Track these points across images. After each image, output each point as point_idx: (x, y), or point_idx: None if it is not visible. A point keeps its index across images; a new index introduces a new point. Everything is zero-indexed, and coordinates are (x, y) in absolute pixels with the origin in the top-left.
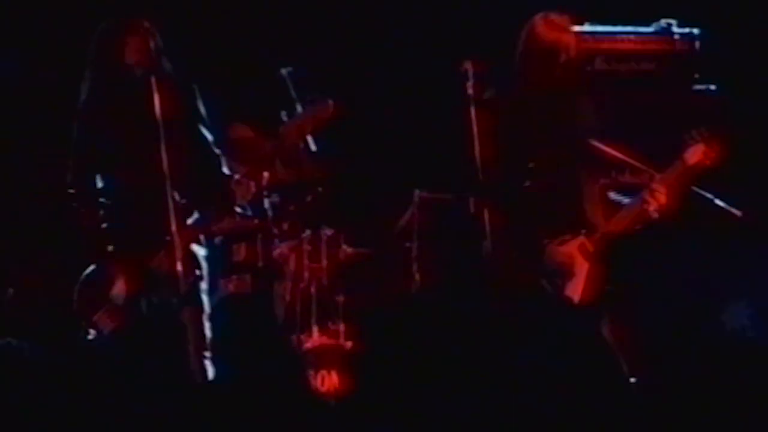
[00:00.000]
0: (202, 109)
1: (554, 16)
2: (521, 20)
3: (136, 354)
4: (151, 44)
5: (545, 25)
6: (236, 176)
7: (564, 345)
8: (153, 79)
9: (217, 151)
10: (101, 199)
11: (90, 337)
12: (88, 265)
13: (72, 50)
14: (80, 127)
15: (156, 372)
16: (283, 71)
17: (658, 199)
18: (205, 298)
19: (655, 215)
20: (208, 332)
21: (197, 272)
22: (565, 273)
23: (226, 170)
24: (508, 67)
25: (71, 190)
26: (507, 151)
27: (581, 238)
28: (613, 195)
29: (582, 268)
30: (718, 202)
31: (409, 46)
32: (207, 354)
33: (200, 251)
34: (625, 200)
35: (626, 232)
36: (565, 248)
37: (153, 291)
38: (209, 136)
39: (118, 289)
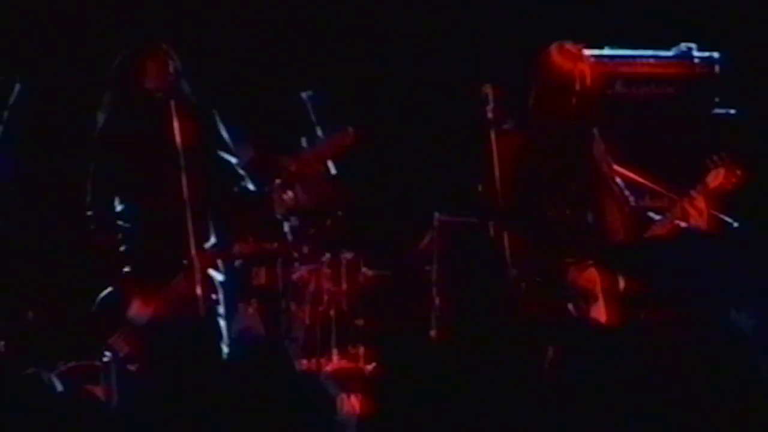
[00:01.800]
0: (224, 134)
1: (569, 46)
2: (541, 45)
3: (155, 374)
4: (170, 67)
5: (560, 55)
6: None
7: (589, 368)
8: (172, 103)
9: (241, 172)
10: (119, 222)
11: (105, 359)
12: (105, 288)
13: (91, 73)
14: (99, 150)
15: (173, 393)
16: (303, 95)
17: (698, 207)
18: (222, 322)
19: (698, 225)
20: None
21: (213, 297)
22: (589, 297)
23: (251, 186)
24: (525, 97)
25: (89, 213)
26: (528, 181)
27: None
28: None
29: (606, 292)
30: (736, 225)
31: (429, 70)
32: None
33: (218, 276)
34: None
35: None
36: (588, 272)
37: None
38: (232, 159)
39: (135, 311)
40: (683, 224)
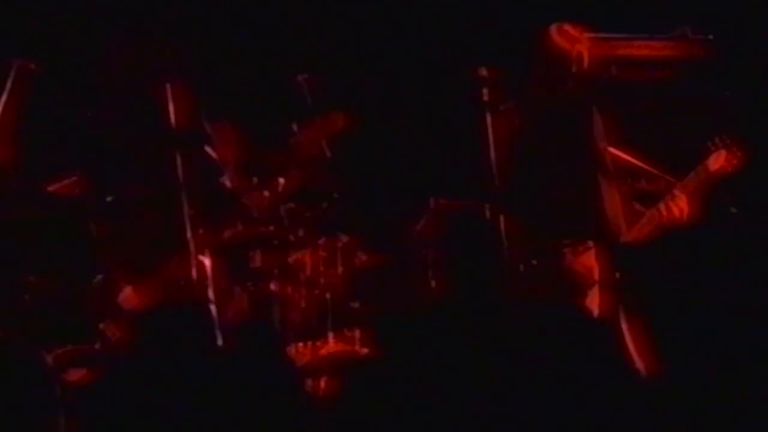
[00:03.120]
0: (208, 127)
1: (568, 27)
2: (537, 27)
3: (145, 362)
4: (166, 52)
5: (559, 36)
6: (253, 180)
7: (582, 354)
8: (168, 88)
9: (221, 164)
10: (114, 207)
11: (96, 345)
12: (98, 273)
13: (83, 61)
14: (94, 134)
15: (166, 378)
16: (299, 78)
17: (679, 206)
18: (212, 307)
19: (675, 224)
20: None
21: (208, 282)
22: (585, 282)
23: (228, 182)
24: (523, 77)
25: (83, 198)
26: (525, 160)
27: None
28: (638, 207)
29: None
30: (733, 210)
31: (425, 52)
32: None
33: (209, 262)
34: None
35: (647, 241)
36: (585, 257)
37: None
38: (213, 153)
39: (127, 297)
40: (664, 223)
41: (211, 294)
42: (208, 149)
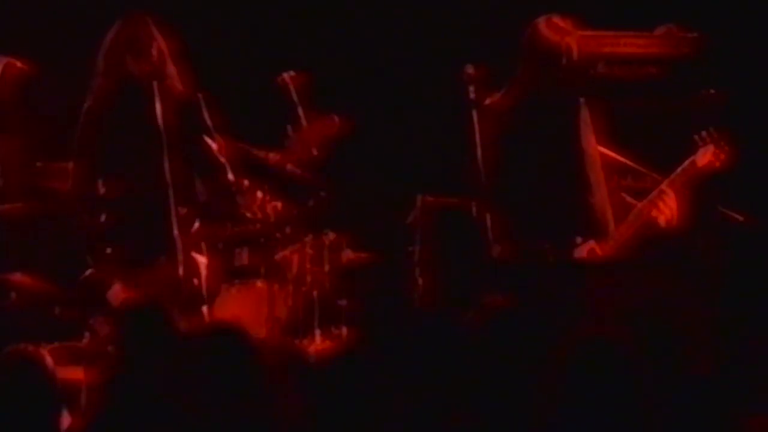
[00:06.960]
0: (207, 119)
1: (557, 19)
2: (524, 23)
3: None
4: (156, 48)
5: (548, 28)
6: (244, 182)
7: (570, 351)
8: (156, 85)
9: (221, 159)
10: (102, 204)
11: (84, 340)
12: (87, 269)
13: (74, 54)
14: (84, 131)
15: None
16: (285, 75)
17: (669, 204)
18: (204, 307)
19: (664, 222)
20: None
21: (195, 281)
22: (574, 278)
23: (230, 177)
24: (510, 71)
25: (73, 194)
26: (511, 156)
27: (591, 243)
28: (628, 199)
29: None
30: (720, 208)
31: (411, 50)
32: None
33: (201, 260)
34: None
35: (636, 238)
36: (573, 253)
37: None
38: (213, 145)
39: (116, 293)
40: (653, 221)
41: (199, 291)
42: (210, 143)
